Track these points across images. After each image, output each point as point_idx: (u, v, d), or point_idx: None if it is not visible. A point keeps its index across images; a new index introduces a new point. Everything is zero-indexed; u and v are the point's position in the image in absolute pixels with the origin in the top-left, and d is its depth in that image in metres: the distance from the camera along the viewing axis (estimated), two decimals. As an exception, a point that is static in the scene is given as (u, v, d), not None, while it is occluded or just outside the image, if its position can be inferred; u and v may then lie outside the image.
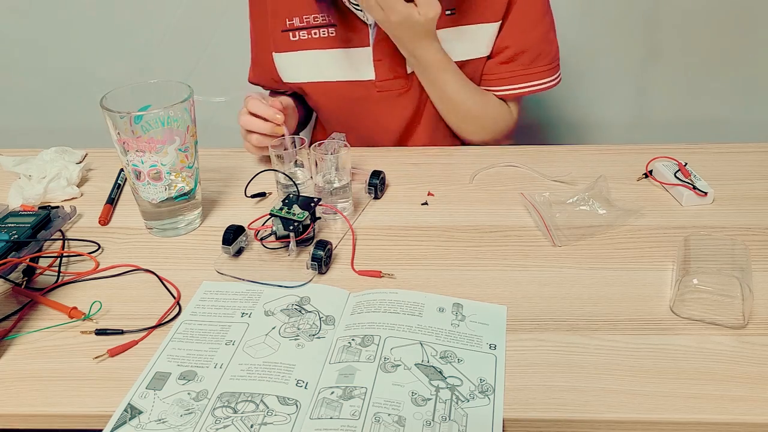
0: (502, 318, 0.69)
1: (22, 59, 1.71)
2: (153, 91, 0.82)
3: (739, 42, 1.61)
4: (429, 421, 0.57)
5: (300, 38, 1.03)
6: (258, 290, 0.74)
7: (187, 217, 0.86)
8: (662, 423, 0.58)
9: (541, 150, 1.04)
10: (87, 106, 1.10)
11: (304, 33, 1.02)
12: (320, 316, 0.70)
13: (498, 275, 0.76)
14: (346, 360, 0.64)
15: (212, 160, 1.01)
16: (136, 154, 0.79)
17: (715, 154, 1.00)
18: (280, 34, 1.03)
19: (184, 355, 0.66)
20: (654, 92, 1.70)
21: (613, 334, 0.67)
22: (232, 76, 1.29)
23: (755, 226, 0.83)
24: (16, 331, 0.70)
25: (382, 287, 0.74)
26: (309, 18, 1.01)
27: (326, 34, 1.01)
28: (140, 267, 0.79)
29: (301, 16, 1.02)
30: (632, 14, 1.60)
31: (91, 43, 1.68)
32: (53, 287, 0.76)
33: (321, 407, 0.59)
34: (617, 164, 0.97)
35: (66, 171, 0.96)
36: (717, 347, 0.65)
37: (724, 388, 0.60)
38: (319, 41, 1.02)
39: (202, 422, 0.58)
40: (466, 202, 0.90)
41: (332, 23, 1.00)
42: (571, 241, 0.81)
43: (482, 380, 0.62)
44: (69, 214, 0.88)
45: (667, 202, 0.89)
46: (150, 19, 1.64)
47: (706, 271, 0.70)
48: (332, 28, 1.01)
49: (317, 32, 1.01)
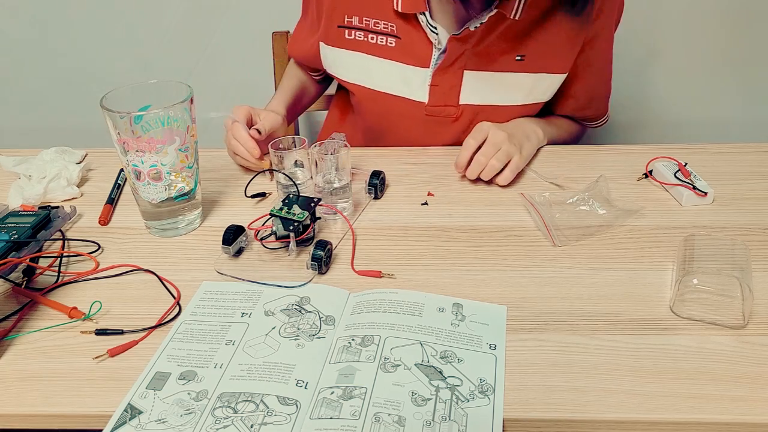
0: (502, 318, 0.69)
1: (22, 59, 1.71)
2: (153, 91, 0.82)
3: (739, 42, 1.61)
4: (429, 421, 0.57)
5: (356, 38, 1.00)
6: (258, 290, 0.74)
7: (187, 217, 0.86)
8: (662, 423, 0.58)
9: (541, 150, 1.03)
10: (87, 106, 1.10)
11: (361, 34, 0.99)
12: (320, 316, 0.70)
13: (498, 275, 0.76)
14: (346, 360, 0.64)
15: (212, 160, 1.01)
16: (136, 154, 0.79)
17: (715, 154, 1.00)
18: (336, 29, 1.01)
19: (184, 355, 0.66)
20: (654, 92, 1.70)
21: (613, 334, 0.67)
22: (232, 76, 1.30)
23: (755, 226, 0.83)
24: (16, 331, 0.70)
25: (382, 287, 0.74)
26: (370, 21, 0.98)
27: (384, 42, 0.98)
28: (140, 267, 0.79)
29: (362, 17, 0.99)
30: (632, 14, 1.60)
31: (92, 43, 1.68)
32: (53, 287, 0.76)
33: (321, 407, 0.59)
34: (617, 164, 0.97)
35: (66, 171, 0.96)
36: (717, 347, 0.65)
37: (724, 388, 0.60)
38: (377, 48, 0.99)
39: (202, 422, 0.58)
40: (466, 202, 0.90)
41: (396, 35, 0.98)
42: (571, 241, 0.81)
43: (482, 380, 0.62)
44: (69, 214, 0.88)
45: (667, 202, 0.89)
46: (150, 20, 1.64)
47: (706, 271, 0.70)
48: (394, 39, 0.98)
49: (375, 38, 0.99)
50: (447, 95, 1.00)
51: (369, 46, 1.00)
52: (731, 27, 1.59)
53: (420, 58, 0.99)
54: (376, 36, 0.98)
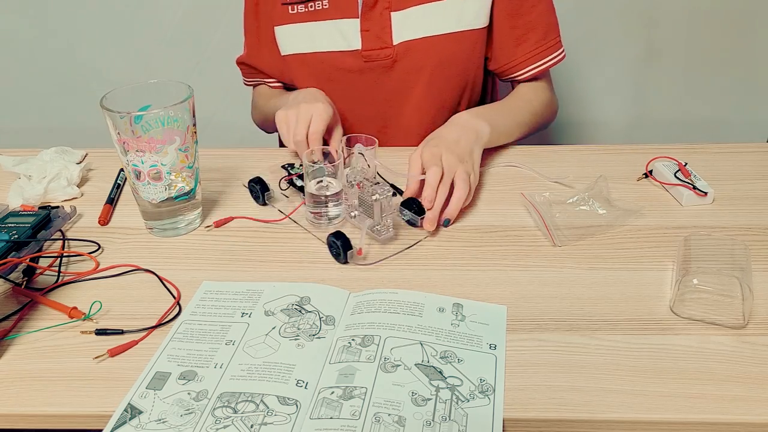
0: (502, 318, 0.69)
1: (22, 59, 1.71)
2: (153, 91, 0.82)
3: (739, 42, 1.61)
4: (429, 421, 0.57)
5: (298, 11, 1.06)
6: (258, 290, 0.74)
7: (187, 217, 0.86)
8: (662, 423, 0.58)
9: (541, 150, 1.04)
10: (87, 106, 1.10)
11: (302, 7, 1.05)
12: (320, 316, 0.70)
13: (498, 275, 0.76)
14: (346, 360, 0.64)
15: (212, 160, 1.01)
16: (136, 154, 0.79)
17: (715, 154, 0.99)
18: (280, 7, 1.07)
19: (184, 355, 0.66)
20: (654, 92, 1.70)
21: (613, 334, 0.67)
22: (232, 76, 1.30)
23: (755, 226, 0.83)
24: (16, 331, 0.70)
25: (382, 287, 0.74)
26: None
27: (321, 6, 1.04)
28: (140, 267, 0.79)
29: None
30: (632, 14, 1.60)
31: (92, 43, 1.68)
32: (53, 287, 0.76)
33: (321, 407, 0.59)
34: (617, 164, 0.97)
35: (66, 171, 0.96)
36: (717, 347, 0.65)
37: (724, 388, 0.60)
38: (316, 13, 1.05)
39: (202, 422, 0.58)
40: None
41: None
42: (571, 241, 0.81)
43: (482, 380, 0.62)
44: (69, 214, 0.88)
45: (667, 202, 0.89)
46: (150, 19, 1.64)
47: (706, 271, 0.70)
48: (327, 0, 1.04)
49: (313, 5, 1.05)
50: (379, 38, 1.04)
51: (310, 14, 1.06)
52: (731, 27, 1.59)
53: (349, 10, 1.04)
54: (314, 3, 1.05)
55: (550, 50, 1.07)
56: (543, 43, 1.06)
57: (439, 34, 1.03)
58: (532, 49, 1.06)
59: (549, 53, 1.07)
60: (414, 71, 1.05)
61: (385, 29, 1.03)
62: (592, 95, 1.70)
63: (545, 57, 1.07)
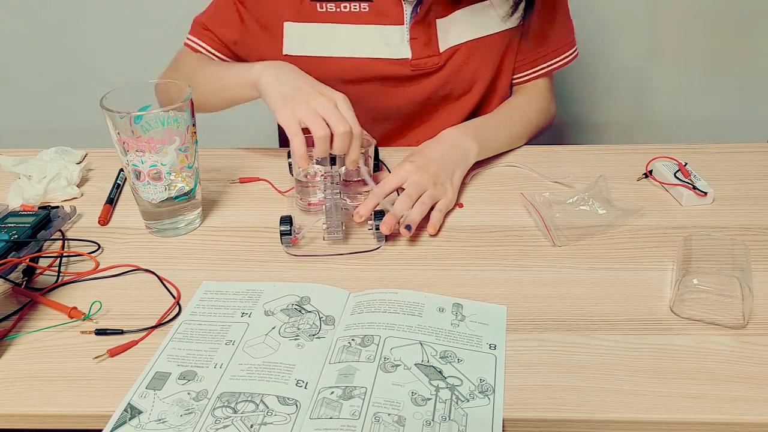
0: (502, 318, 0.69)
1: (22, 59, 1.71)
2: (153, 91, 0.82)
3: (739, 42, 1.61)
4: (429, 421, 0.57)
5: (327, 10, 1.00)
6: (258, 290, 0.74)
7: (187, 217, 0.86)
8: (662, 423, 0.58)
9: (541, 150, 1.04)
10: (87, 106, 1.10)
11: (333, 6, 0.99)
12: (320, 316, 0.70)
13: (498, 275, 0.76)
14: (346, 360, 0.64)
15: (212, 160, 1.01)
16: (136, 154, 0.79)
17: (715, 154, 0.99)
18: (308, 3, 1.00)
19: (184, 355, 0.66)
20: (654, 92, 1.70)
21: (613, 334, 0.67)
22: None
23: (755, 226, 0.83)
24: (16, 331, 0.70)
25: (382, 287, 0.74)
26: None
27: (358, 9, 1.00)
28: (140, 267, 0.79)
29: None
30: (632, 14, 1.60)
31: (92, 43, 1.68)
32: (53, 287, 0.76)
33: (321, 407, 0.59)
34: (617, 164, 0.97)
35: (66, 171, 0.96)
36: (717, 347, 0.65)
37: (724, 388, 0.60)
38: (350, 15, 1.00)
39: (202, 422, 0.58)
40: (466, 202, 0.90)
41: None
42: (571, 241, 0.81)
43: (482, 380, 0.62)
44: (69, 214, 0.88)
45: (667, 202, 0.89)
46: (150, 19, 1.64)
47: (706, 271, 0.70)
48: (367, 3, 0.99)
49: (348, 6, 0.99)
50: (427, 47, 1.02)
51: (341, 15, 1.01)
52: (731, 27, 1.59)
53: (394, 17, 1.01)
54: (348, 4, 1.00)
55: (566, 48, 1.09)
56: (564, 43, 1.08)
57: (484, 36, 1.03)
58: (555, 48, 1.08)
59: (564, 51, 1.09)
60: (454, 74, 1.04)
61: (432, 38, 1.01)
62: (592, 95, 1.70)
63: (559, 56, 1.08)
